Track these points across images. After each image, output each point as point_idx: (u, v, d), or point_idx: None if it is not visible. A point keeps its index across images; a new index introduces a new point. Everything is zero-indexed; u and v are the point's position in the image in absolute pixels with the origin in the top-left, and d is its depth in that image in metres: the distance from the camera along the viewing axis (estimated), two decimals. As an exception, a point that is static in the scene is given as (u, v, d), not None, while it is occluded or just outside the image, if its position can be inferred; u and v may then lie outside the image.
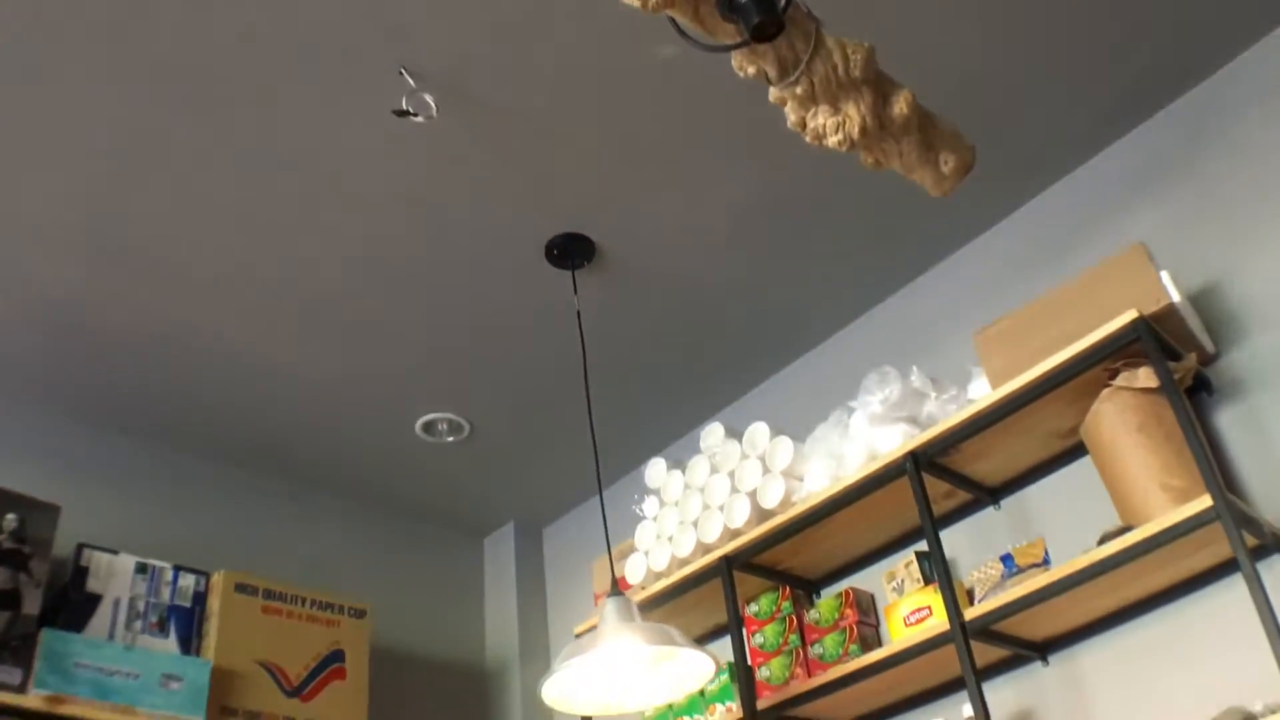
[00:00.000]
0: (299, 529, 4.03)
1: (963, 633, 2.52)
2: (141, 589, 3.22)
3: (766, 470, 3.05)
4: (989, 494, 2.99)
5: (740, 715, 2.92)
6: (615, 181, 2.92)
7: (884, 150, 1.83)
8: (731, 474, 3.13)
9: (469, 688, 4.22)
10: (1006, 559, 2.72)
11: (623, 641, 2.20)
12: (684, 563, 3.19)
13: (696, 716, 3.15)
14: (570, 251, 3.06)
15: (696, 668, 2.37)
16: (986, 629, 2.57)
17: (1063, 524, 2.80)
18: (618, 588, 2.36)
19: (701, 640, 3.55)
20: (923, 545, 2.92)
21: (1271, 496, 2.49)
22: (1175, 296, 2.51)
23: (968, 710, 2.57)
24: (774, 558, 3.13)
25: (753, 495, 3.04)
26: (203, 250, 2.99)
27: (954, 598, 2.56)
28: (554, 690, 2.35)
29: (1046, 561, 2.69)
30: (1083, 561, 2.40)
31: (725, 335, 3.56)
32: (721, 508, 3.11)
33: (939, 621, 2.61)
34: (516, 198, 2.92)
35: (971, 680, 2.46)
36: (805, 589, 3.29)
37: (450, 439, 3.88)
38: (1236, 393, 2.63)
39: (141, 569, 3.25)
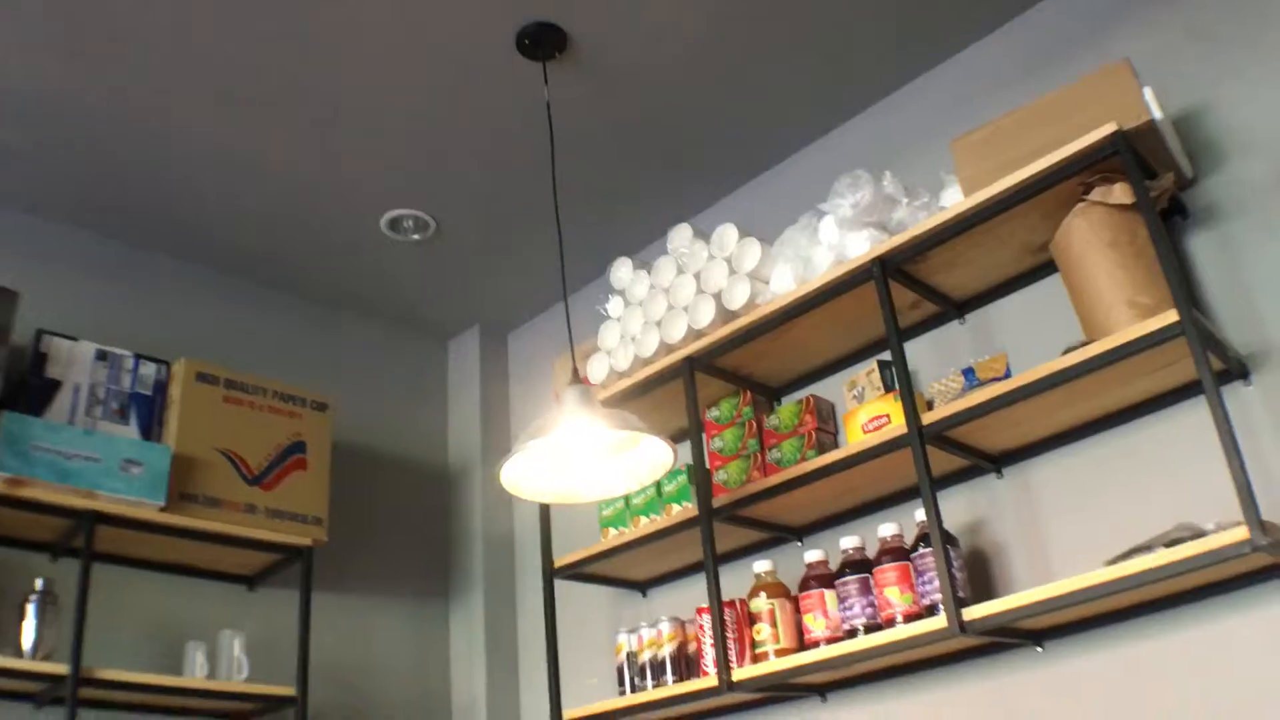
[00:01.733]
0: (261, 324, 4.00)
1: (919, 437, 2.54)
2: (102, 376, 3.21)
3: (733, 272, 3.02)
4: (955, 307, 2.98)
5: (696, 514, 2.96)
6: (591, -32, 2.82)
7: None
8: (698, 275, 3.09)
9: (430, 487, 4.26)
10: (968, 372, 2.71)
11: (582, 425, 2.19)
12: (646, 363, 3.19)
13: (654, 516, 3.18)
14: (542, 41, 2.96)
15: (656, 456, 2.37)
16: (943, 435, 2.58)
17: (1027, 341, 2.79)
18: (576, 377, 2.34)
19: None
20: (886, 355, 2.92)
21: (1239, 323, 2.49)
22: (1157, 114, 2.45)
23: (920, 516, 2.61)
24: (736, 361, 3.12)
25: (718, 296, 3.01)
26: (165, 37, 2.88)
27: (913, 404, 2.57)
28: (511, 474, 2.35)
29: (1008, 376, 2.68)
30: (1043, 370, 2.40)
31: (699, 139, 3.48)
32: (686, 308, 3.08)
33: (897, 427, 2.61)
34: (487, -20, 2.82)
35: (926, 485, 2.49)
36: (766, 395, 3.30)
37: (416, 237, 3.82)
38: (1211, 219, 2.60)
39: (102, 356, 3.23)
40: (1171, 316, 2.21)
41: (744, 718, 3.16)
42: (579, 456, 2.40)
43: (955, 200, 2.71)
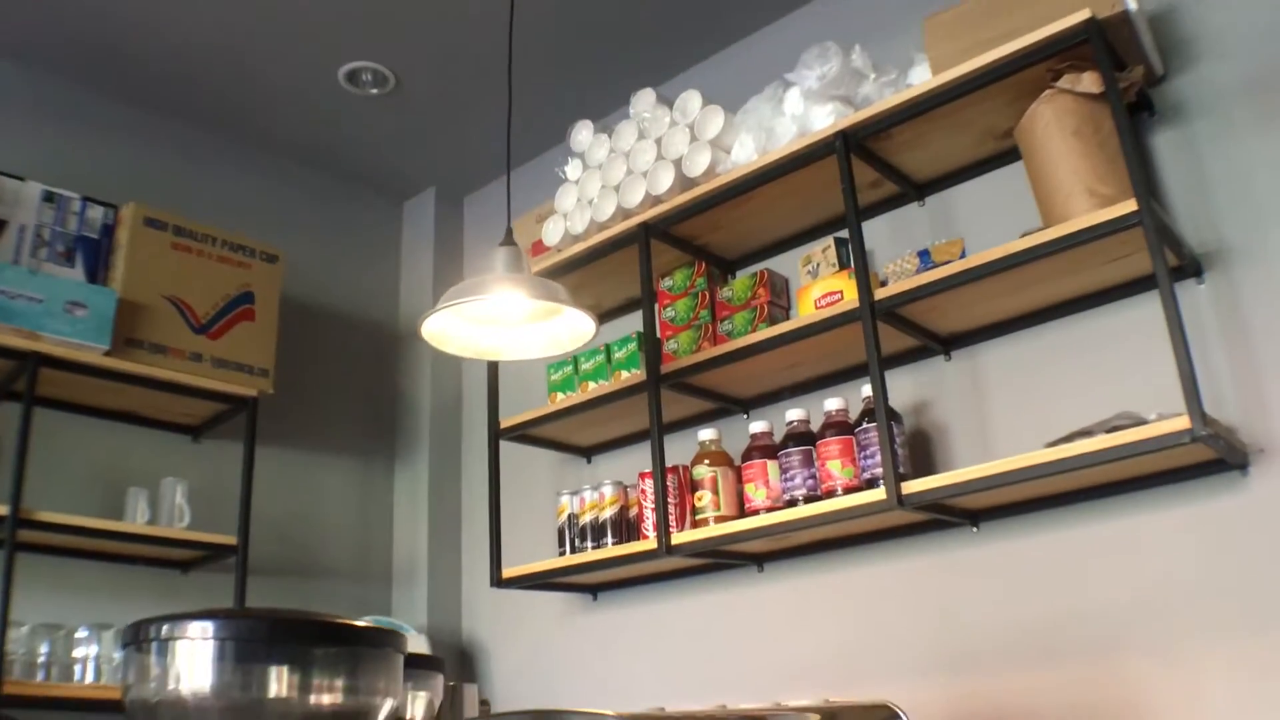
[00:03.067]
0: (214, 174, 3.93)
1: (871, 312, 2.54)
2: (48, 218, 3.15)
3: (694, 139, 2.98)
4: (915, 189, 2.96)
5: (644, 379, 2.97)
6: None
7: None
8: (659, 141, 3.05)
9: (379, 348, 4.25)
10: (924, 254, 2.71)
11: (506, 289, 2.16)
12: (603, 228, 3.16)
13: (602, 382, 3.19)
14: (510, -107, 2.88)
15: (579, 326, 2.36)
16: (894, 312, 2.59)
17: (985, 227, 2.79)
18: (510, 238, 2.31)
19: (613, 313, 3.58)
20: (843, 233, 2.91)
21: (1196, 222, 2.50)
22: (1132, 5, 2.42)
23: (866, 392, 2.62)
24: (693, 230, 3.11)
25: (678, 163, 2.97)
26: None
27: (867, 280, 2.57)
28: (433, 327, 2.33)
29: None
30: (998, 252, 2.40)
31: (670, 5, 3.41)
32: (645, 174, 3.04)
33: (850, 302, 2.62)
34: None
35: (874, 360, 2.50)
36: (721, 268, 3.29)
37: (374, 91, 3.74)
38: (1176, 118, 2.59)
39: (49, 198, 3.16)
40: (1130, 206, 2.21)
41: (682, 585, 3.22)
42: (504, 317, 2.39)
43: (923, 79, 2.68)
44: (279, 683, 0.90)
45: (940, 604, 2.69)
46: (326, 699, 0.93)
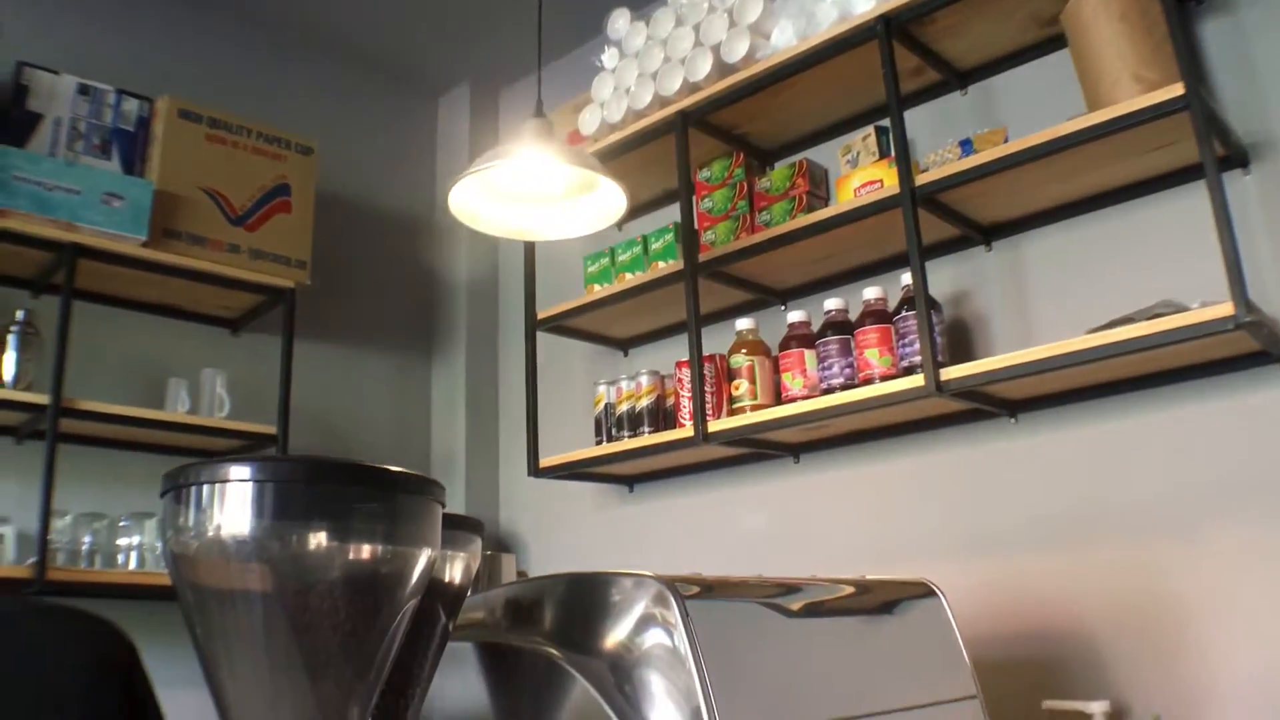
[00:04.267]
0: (248, 68, 3.89)
1: (912, 198, 2.50)
2: (84, 110, 3.14)
3: (733, 24, 2.92)
4: (957, 77, 2.89)
5: (681, 268, 2.95)
6: None
7: None
8: (697, 27, 3.00)
9: (416, 242, 4.24)
10: (965, 144, 2.66)
11: (537, 155, 2.13)
12: (640, 116, 3.12)
13: (639, 273, 3.17)
14: None
15: (612, 202, 2.33)
16: (935, 199, 2.55)
17: (1029, 116, 2.72)
18: (540, 110, 2.27)
19: (650, 205, 3.54)
20: (884, 122, 2.86)
21: (1243, 112, 2.42)
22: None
23: (905, 280, 2.60)
24: (731, 119, 3.06)
25: (716, 49, 2.92)
26: None
27: (908, 166, 2.53)
28: (463, 203, 2.31)
29: (1007, 150, 2.65)
30: (1042, 136, 2.35)
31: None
32: (683, 61, 3.00)
33: (890, 189, 2.58)
34: None
35: (914, 247, 2.47)
36: (759, 158, 3.24)
37: (409, -18, 3.70)
38: (1226, 6, 2.50)
39: (84, 90, 3.15)
40: (1177, 90, 2.16)
41: (717, 477, 3.23)
42: (537, 194, 2.36)
43: (968, -40, 2.61)
44: (317, 527, 0.91)
45: (977, 495, 2.69)
46: (365, 546, 0.93)
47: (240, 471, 0.88)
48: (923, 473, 2.80)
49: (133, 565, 3.06)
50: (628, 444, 3.04)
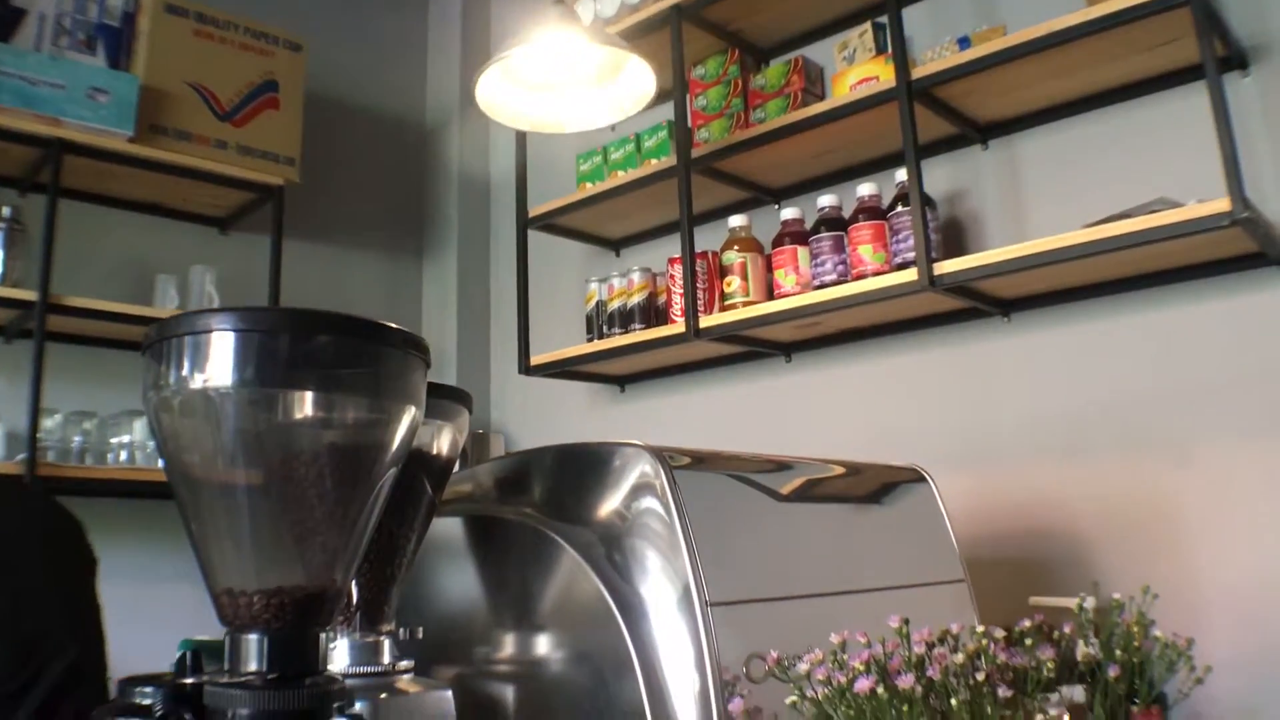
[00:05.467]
0: (235, -38, 3.82)
1: (908, 91, 2.47)
2: (68, 6, 3.09)
3: (729, -86, 2.87)
4: (958, -32, 2.85)
5: (674, 164, 2.93)
6: None
7: None
8: (692, -83, 2.95)
9: (406, 140, 4.19)
10: (963, 41, 2.61)
11: (566, 36, 2.09)
12: (634, 9, 3.06)
13: (631, 170, 3.14)
14: None
15: (639, 85, 2.30)
16: (931, 93, 2.52)
17: (1028, 17, 2.66)
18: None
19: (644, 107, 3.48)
20: (881, 19, 2.81)
21: (1245, 13, 2.37)
22: None
23: (900, 177, 2.57)
24: (727, 14, 3.00)
25: (711, -61, 2.87)
26: None
27: (904, 59, 2.49)
28: (488, 92, 2.28)
29: (1005, 47, 2.60)
30: (1040, 30, 2.31)
31: None
32: (677, -48, 2.95)
33: (886, 83, 2.55)
34: None
35: (909, 141, 2.44)
36: (754, 56, 3.19)
37: (398, -127, 3.61)
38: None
39: (68, -15, 3.09)
40: (1178, -20, 2.12)
41: (709, 376, 3.22)
42: (560, 83, 2.33)
43: None
44: (301, 379, 0.90)
45: (969, 395, 2.69)
46: (350, 398, 0.92)
47: (222, 320, 0.87)
48: (915, 373, 2.79)
49: (123, 461, 3.05)
50: (619, 340, 3.03)
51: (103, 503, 2.99)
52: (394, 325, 0.94)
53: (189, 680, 0.85)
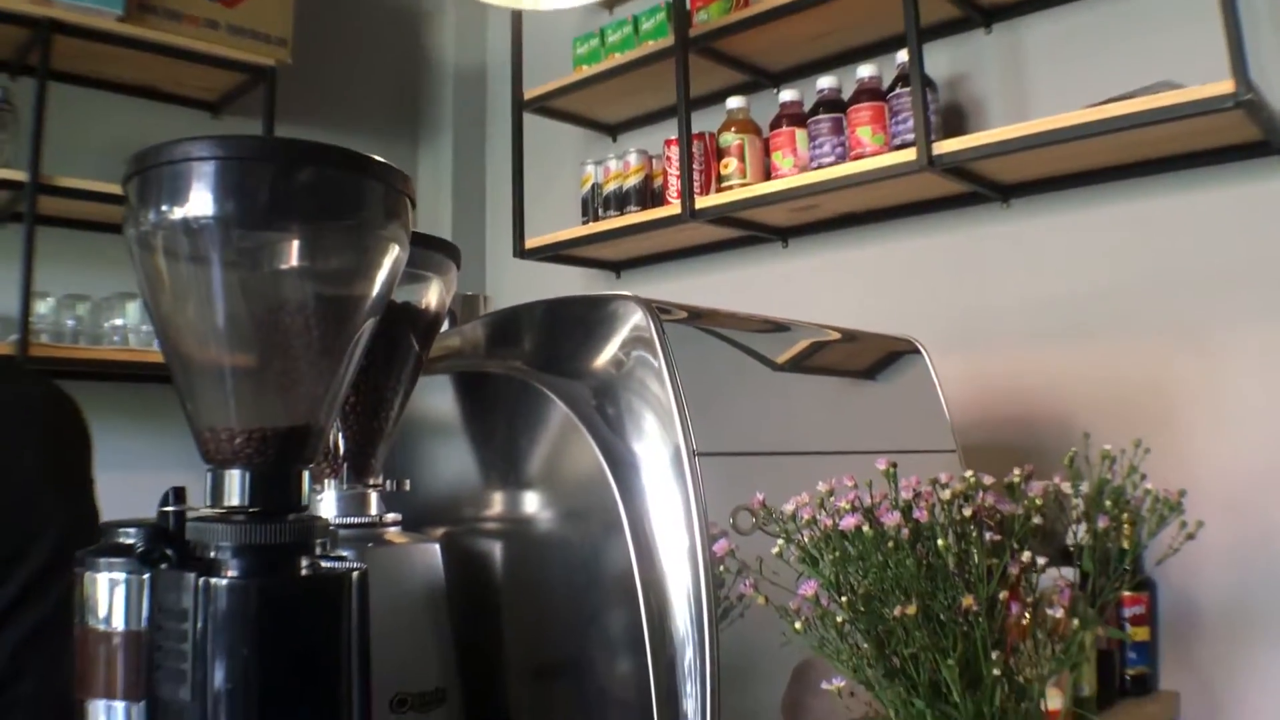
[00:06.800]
0: None
1: (911, -30, 2.42)
2: (54, -119, 3.01)
3: None
4: None
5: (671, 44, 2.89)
6: None
7: None
8: None
9: (400, 22, 4.12)
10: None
11: None
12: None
13: (629, 52, 3.09)
14: None
15: None
16: (934, -25, 2.47)
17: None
18: None
19: (642, -14, 3.44)
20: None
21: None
22: None
23: (901, 58, 2.53)
24: (727, -109, 2.94)
25: None
26: None
27: (907, -66, 2.44)
28: None
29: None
30: (1049, -98, 2.27)
31: None
32: None
33: (889, -42, 2.50)
34: None
35: (911, 20, 2.39)
36: (756, -64, 3.13)
37: None
38: None
39: None
40: None
41: (705, 261, 3.21)
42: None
43: None
44: (284, 207, 0.88)
45: (967, 281, 2.67)
46: (332, 233, 0.91)
47: (201, 148, 0.85)
48: (913, 258, 2.77)
49: (117, 343, 3.05)
50: (614, 222, 3.00)
51: (98, 387, 3.00)
52: (379, 158, 0.92)
53: (170, 509, 0.84)
